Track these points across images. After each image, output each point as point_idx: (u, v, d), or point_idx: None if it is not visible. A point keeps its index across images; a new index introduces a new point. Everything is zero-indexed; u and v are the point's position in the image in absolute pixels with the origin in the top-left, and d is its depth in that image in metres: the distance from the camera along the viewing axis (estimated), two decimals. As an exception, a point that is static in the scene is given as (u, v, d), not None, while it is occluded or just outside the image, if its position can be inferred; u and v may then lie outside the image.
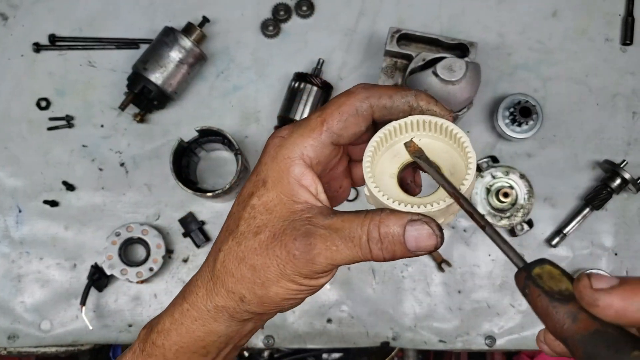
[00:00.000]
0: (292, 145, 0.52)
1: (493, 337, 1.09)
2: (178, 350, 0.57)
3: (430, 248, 0.49)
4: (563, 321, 0.39)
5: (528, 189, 1.09)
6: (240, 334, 0.58)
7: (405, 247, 0.48)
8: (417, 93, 0.52)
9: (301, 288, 0.51)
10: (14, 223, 1.11)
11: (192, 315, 0.56)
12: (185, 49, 1.06)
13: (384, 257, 0.48)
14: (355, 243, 0.48)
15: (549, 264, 0.42)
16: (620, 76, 1.14)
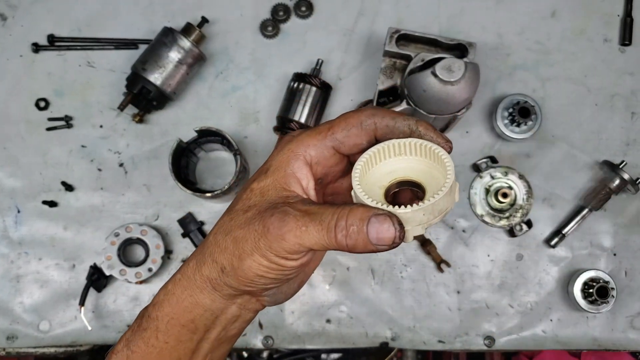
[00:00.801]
0: (298, 142, 0.57)
1: (492, 337, 1.09)
2: (169, 322, 0.60)
3: (388, 241, 0.51)
4: None
5: (527, 190, 1.09)
6: (225, 316, 0.61)
7: (367, 237, 0.51)
8: (419, 120, 0.56)
9: (271, 265, 0.54)
10: (12, 223, 1.11)
11: (182, 285, 0.60)
12: (184, 49, 1.06)
13: (347, 244, 0.51)
14: (323, 227, 0.51)
15: None
16: (619, 76, 1.14)
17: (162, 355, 0.61)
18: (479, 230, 1.11)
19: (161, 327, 0.61)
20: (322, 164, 0.57)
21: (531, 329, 1.10)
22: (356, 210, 0.51)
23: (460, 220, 1.12)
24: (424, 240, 1.10)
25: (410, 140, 0.55)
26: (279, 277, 0.56)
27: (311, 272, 0.65)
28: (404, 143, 0.55)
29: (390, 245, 0.51)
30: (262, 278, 0.56)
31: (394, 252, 1.11)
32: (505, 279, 1.10)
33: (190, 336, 0.61)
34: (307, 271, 0.64)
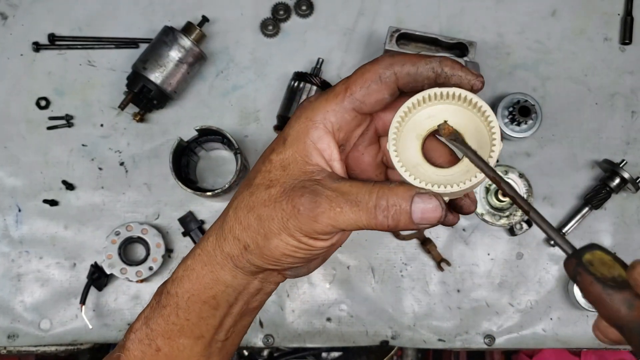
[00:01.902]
0: (315, 109, 0.53)
1: (492, 336, 1.09)
2: (190, 299, 0.58)
3: (434, 221, 0.49)
4: (618, 309, 0.39)
5: (527, 189, 1.09)
6: (247, 291, 0.59)
7: (411, 218, 0.49)
8: (442, 59, 0.51)
9: (300, 245, 0.52)
10: (13, 222, 1.11)
11: (202, 260, 0.58)
12: (184, 48, 1.06)
13: (388, 224, 0.49)
14: (360, 208, 0.49)
15: (599, 250, 0.41)
16: (619, 75, 1.14)
17: (184, 332, 0.59)
18: (479, 229, 1.12)
19: (181, 304, 0.59)
20: (344, 129, 0.54)
21: (531, 328, 1.10)
22: (397, 190, 0.49)
23: (460, 219, 1.12)
24: (424, 239, 1.11)
25: (451, 90, 0.50)
26: (307, 257, 0.54)
27: (334, 250, 0.62)
28: (445, 92, 0.50)
29: (436, 224, 0.50)
30: (289, 257, 0.54)
31: (394, 251, 1.11)
32: (506, 278, 1.11)
33: (213, 312, 0.59)
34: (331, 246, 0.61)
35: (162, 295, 0.60)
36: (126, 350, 0.61)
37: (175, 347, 0.59)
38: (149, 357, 0.60)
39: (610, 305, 0.39)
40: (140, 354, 0.60)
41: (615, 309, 0.39)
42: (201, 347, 0.60)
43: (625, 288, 0.39)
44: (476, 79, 0.50)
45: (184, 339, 0.59)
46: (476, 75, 0.51)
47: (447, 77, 0.51)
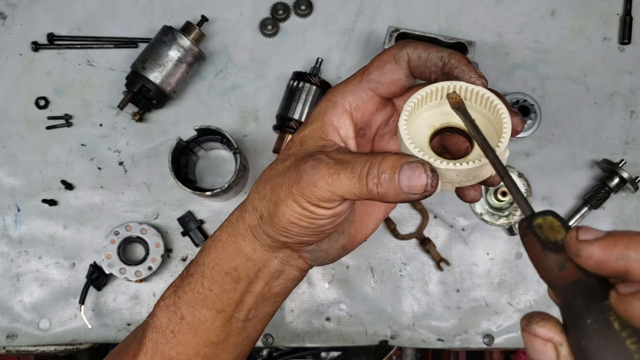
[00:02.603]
0: (336, 91, 0.57)
1: (491, 335, 1.10)
2: (214, 268, 0.62)
3: (420, 189, 0.50)
4: (551, 269, 0.41)
5: (526, 188, 1.09)
6: (268, 270, 0.61)
7: (399, 185, 0.50)
8: (453, 52, 0.53)
9: (303, 212, 0.54)
10: (12, 222, 1.11)
11: (227, 231, 0.62)
12: (183, 48, 1.06)
13: (378, 192, 0.50)
14: (354, 174, 0.51)
15: (552, 216, 0.44)
16: (618, 75, 1.14)
17: (207, 303, 0.62)
18: (478, 229, 1.12)
19: (206, 272, 0.62)
20: (362, 109, 0.56)
21: (530, 328, 1.10)
22: (389, 158, 0.50)
23: (459, 218, 1.12)
24: (424, 238, 1.11)
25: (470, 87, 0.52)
26: (311, 227, 0.55)
27: (357, 241, 0.63)
28: (464, 87, 0.52)
29: (422, 193, 0.50)
30: (296, 226, 0.55)
31: (393, 250, 1.11)
32: (505, 278, 1.11)
33: (234, 286, 0.61)
34: (352, 233, 0.62)
35: (192, 264, 0.64)
36: (154, 316, 0.64)
37: (198, 317, 0.62)
38: (173, 324, 0.63)
39: (546, 264, 0.41)
40: (166, 320, 0.63)
41: (549, 269, 0.41)
42: (221, 322, 0.62)
43: (562, 251, 0.41)
44: (477, 79, 0.52)
45: (206, 310, 0.62)
46: (478, 76, 0.52)
47: (451, 68, 0.53)
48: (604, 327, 0.36)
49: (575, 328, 0.38)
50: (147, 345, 0.63)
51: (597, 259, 0.38)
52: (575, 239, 0.40)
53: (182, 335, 0.63)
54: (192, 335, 0.63)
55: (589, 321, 0.37)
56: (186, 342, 0.63)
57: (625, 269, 0.37)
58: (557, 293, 0.41)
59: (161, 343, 0.63)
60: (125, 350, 0.67)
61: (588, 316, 0.37)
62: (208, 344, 0.63)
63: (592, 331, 0.37)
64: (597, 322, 0.37)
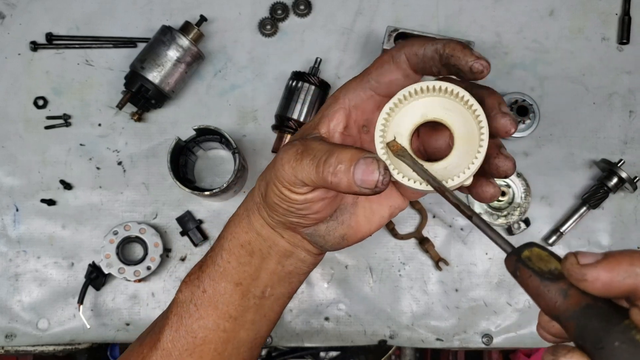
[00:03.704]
0: (341, 88, 0.59)
1: (490, 335, 1.10)
2: (231, 241, 0.66)
3: (371, 184, 0.50)
4: (555, 299, 0.41)
5: (525, 188, 1.09)
6: (277, 248, 0.65)
7: (352, 178, 0.51)
8: (447, 41, 0.53)
9: (280, 195, 0.57)
10: (11, 222, 1.11)
11: (244, 206, 0.66)
12: (182, 47, 1.06)
13: (331, 181, 0.52)
14: (314, 161, 0.53)
15: (536, 247, 0.44)
16: (617, 75, 1.14)
17: (225, 275, 0.66)
18: (476, 229, 1.11)
19: (225, 245, 0.66)
20: (361, 107, 0.58)
21: (529, 327, 1.10)
22: (347, 151, 0.52)
23: (458, 218, 1.12)
24: (422, 238, 1.11)
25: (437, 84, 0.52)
26: (290, 209, 0.58)
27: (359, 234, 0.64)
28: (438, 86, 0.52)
29: (373, 189, 0.51)
30: (279, 207, 0.59)
31: (392, 250, 1.11)
32: (503, 277, 1.11)
33: (249, 259, 0.65)
34: (353, 226, 0.63)
35: (216, 240, 0.68)
36: (180, 292, 0.68)
37: (217, 290, 0.66)
38: (196, 298, 0.66)
39: (548, 295, 0.41)
40: (190, 294, 0.67)
41: (552, 299, 0.41)
42: (239, 295, 0.66)
43: (561, 279, 0.41)
44: (475, 61, 0.51)
45: (225, 282, 0.66)
46: (475, 57, 0.51)
47: (448, 58, 0.52)
48: (633, 347, 0.36)
49: (602, 353, 0.37)
50: (172, 319, 0.67)
51: (603, 282, 0.38)
52: (577, 264, 0.39)
53: (204, 308, 0.66)
54: (213, 308, 0.66)
55: (617, 344, 0.36)
56: (207, 315, 0.66)
57: (634, 287, 0.37)
58: (566, 322, 0.40)
59: (185, 316, 0.67)
60: (154, 326, 0.71)
61: (613, 338, 0.37)
62: (227, 318, 0.66)
63: (622, 353, 0.36)
64: (624, 343, 0.36)
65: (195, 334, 0.66)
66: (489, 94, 0.53)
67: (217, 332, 0.66)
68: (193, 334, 0.66)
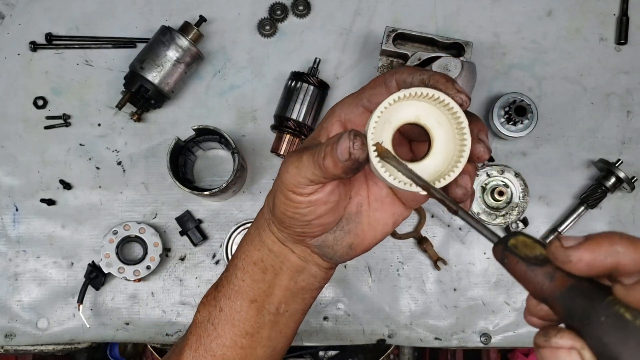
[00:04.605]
0: (338, 103, 0.63)
1: (488, 334, 1.10)
2: (245, 259, 0.69)
3: (344, 153, 0.53)
4: (542, 282, 0.43)
5: (523, 188, 1.09)
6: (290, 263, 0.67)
7: (336, 153, 0.54)
8: (433, 74, 0.56)
9: (285, 201, 0.60)
10: (10, 222, 1.11)
11: (254, 225, 0.69)
12: (182, 48, 1.06)
13: (325, 165, 0.55)
14: (313, 155, 0.57)
15: (522, 235, 0.46)
16: (614, 75, 1.15)
17: (240, 293, 0.68)
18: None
19: (239, 264, 0.69)
20: (354, 121, 0.61)
21: (527, 326, 1.09)
22: (334, 136, 0.56)
23: (456, 218, 1.12)
24: (421, 238, 1.11)
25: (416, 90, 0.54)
26: (296, 216, 0.61)
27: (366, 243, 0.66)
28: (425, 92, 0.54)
29: (350, 157, 0.53)
30: (285, 217, 0.62)
31: (390, 250, 1.12)
32: (502, 277, 1.11)
33: (262, 276, 0.68)
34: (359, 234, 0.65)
35: (230, 261, 0.71)
36: (198, 312, 0.71)
37: (233, 308, 0.68)
38: (213, 317, 0.69)
39: (535, 279, 0.43)
40: (207, 314, 0.70)
41: (539, 283, 0.43)
42: (254, 312, 0.68)
43: (546, 263, 0.43)
44: (455, 94, 0.54)
45: (241, 300, 0.68)
46: (456, 91, 0.55)
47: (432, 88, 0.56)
48: (618, 320, 0.38)
49: (590, 329, 0.39)
50: (191, 339, 0.70)
51: (587, 262, 0.40)
52: (561, 247, 0.42)
53: (221, 327, 0.68)
54: (230, 326, 0.68)
55: (602, 318, 0.38)
56: (224, 333, 0.68)
57: (615, 265, 0.40)
58: (554, 303, 0.42)
59: (203, 336, 0.69)
60: (174, 349, 0.74)
61: (599, 314, 0.39)
62: (244, 335, 0.68)
63: (609, 327, 0.38)
64: (610, 318, 0.38)
65: (214, 352, 0.69)
66: (472, 121, 0.56)
67: (235, 349, 0.69)
68: (212, 352, 0.69)
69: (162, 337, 1.10)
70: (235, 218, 1.12)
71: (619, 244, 0.40)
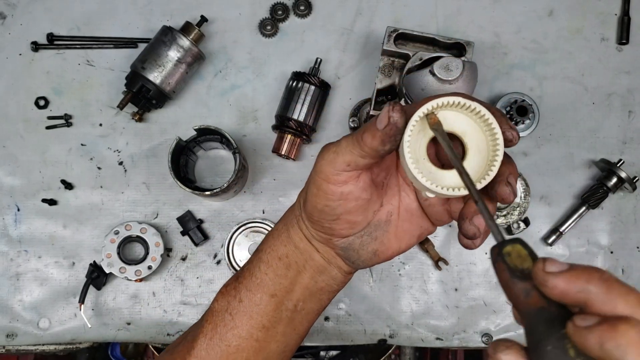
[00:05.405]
0: None
1: (489, 334, 1.10)
2: (270, 253, 0.70)
3: (384, 118, 0.56)
4: (518, 295, 0.45)
5: (524, 188, 1.09)
6: (313, 262, 0.68)
7: (375, 125, 0.56)
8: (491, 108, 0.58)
9: (318, 193, 0.61)
10: (12, 221, 1.11)
11: (283, 221, 0.71)
12: (183, 48, 1.06)
13: (362, 138, 0.57)
14: (352, 136, 0.59)
15: (520, 244, 0.48)
16: (616, 75, 1.15)
17: (262, 286, 0.69)
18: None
19: (263, 257, 0.70)
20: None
21: (528, 327, 1.10)
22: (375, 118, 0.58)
23: (458, 218, 1.12)
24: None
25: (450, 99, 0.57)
26: (326, 209, 0.62)
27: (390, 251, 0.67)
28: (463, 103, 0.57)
29: (388, 123, 0.56)
30: (315, 209, 0.63)
31: (392, 250, 1.12)
32: (503, 277, 1.11)
33: (285, 272, 0.69)
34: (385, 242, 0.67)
35: (253, 254, 0.72)
36: (216, 301, 0.71)
37: (253, 300, 0.69)
38: (232, 307, 0.69)
39: (513, 291, 0.46)
40: (226, 304, 0.70)
41: (516, 295, 0.46)
42: (273, 307, 0.69)
43: (528, 279, 0.45)
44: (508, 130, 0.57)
45: (261, 293, 0.69)
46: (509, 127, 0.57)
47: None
48: (561, 354, 0.40)
49: (536, 353, 0.42)
50: (207, 327, 0.70)
51: (561, 290, 0.43)
52: (543, 270, 0.44)
53: (239, 318, 0.69)
54: (248, 318, 0.69)
55: (548, 348, 0.41)
56: (242, 325, 0.69)
57: (585, 300, 0.42)
58: (523, 317, 0.45)
59: (220, 325, 0.70)
60: (186, 336, 0.73)
61: (547, 343, 0.41)
62: (260, 328, 0.69)
63: (551, 357, 0.41)
64: (555, 349, 0.41)
65: (229, 343, 0.69)
66: (505, 162, 0.58)
67: (250, 342, 0.69)
68: (227, 342, 0.69)
69: (164, 337, 1.10)
70: (236, 218, 1.12)
71: (594, 284, 0.42)
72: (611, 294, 0.41)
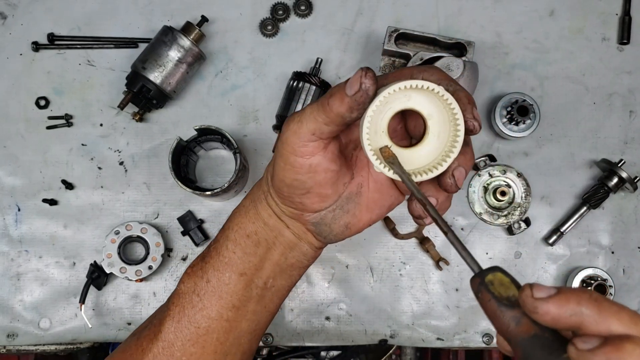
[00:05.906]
0: None
1: (490, 334, 1.10)
2: (237, 231, 0.68)
3: (355, 84, 0.55)
4: (508, 324, 0.44)
5: (525, 188, 1.09)
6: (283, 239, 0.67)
7: (344, 90, 0.55)
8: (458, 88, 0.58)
9: (285, 167, 0.61)
10: (12, 222, 1.11)
11: (250, 197, 0.69)
12: (184, 48, 1.06)
13: (328, 103, 0.56)
14: (316, 104, 0.58)
15: (500, 272, 0.47)
16: (617, 75, 1.14)
17: (230, 265, 0.67)
18: (477, 228, 1.12)
19: (231, 235, 0.68)
20: None
21: (529, 327, 1.10)
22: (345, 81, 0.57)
23: (458, 218, 1.12)
24: (423, 238, 1.11)
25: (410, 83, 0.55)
26: (294, 183, 0.61)
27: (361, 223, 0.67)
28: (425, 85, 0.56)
29: (359, 89, 0.54)
30: (283, 184, 0.62)
31: (392, 250, 1.12)
32: (504, 277, 1.11)
33: (254, 249, 0.67)
34: (357, 215, 0.66)
35: (219, 233, 0.70)
36: (182, 283, 0.70)
37: (222, 280, 0.67)
38: (199, 288, 0.68)
39: (502, 320, 0.45)
40: (193, 285, 0.69)
41: (505, 324, 0.45)
42: (242, 285, 0.68)
43: (516, 307, 0.44)
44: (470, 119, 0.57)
45: (230, 272, 0.67)
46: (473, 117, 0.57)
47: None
48: None
49: None
50: (174, 310, 0.68)
51: (552, 316, 0.42)
52: (531, 297, 0.43)
53: (207, 299, 0.67)
54: (217, 298, 0.67)
55: None
56: (211, 305, 0.67)
57: (578, 324, 0.41)
58: (515, 347, 0.44)
59: (187, 307, 0.68)
60: (152, 320, 0.72)
61: None
62: (230, 308, 0.68)
63: None
64: None
65: (199, 324, 0.67)
66: (461, 152, 0.57)
67: (220, 322, 0.68)
68: (196, 324, 0.67)
69: (164, 337, 1.10)
70: (237, 218, 1.12)
71: (586, 306, 0.41)
72: (603, 314, 0.41)
